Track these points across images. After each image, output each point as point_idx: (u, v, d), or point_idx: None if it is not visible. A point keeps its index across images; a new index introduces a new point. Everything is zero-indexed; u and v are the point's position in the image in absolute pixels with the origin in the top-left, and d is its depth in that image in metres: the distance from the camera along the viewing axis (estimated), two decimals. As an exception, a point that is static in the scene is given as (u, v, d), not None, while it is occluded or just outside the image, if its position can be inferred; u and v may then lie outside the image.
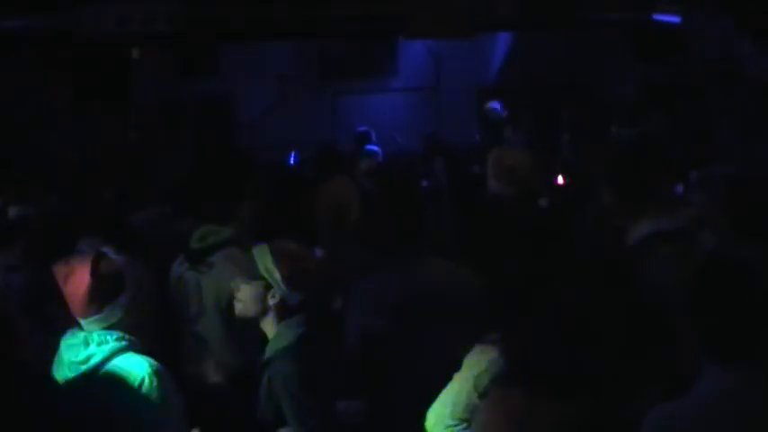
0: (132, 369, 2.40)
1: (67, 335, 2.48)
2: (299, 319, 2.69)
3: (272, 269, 2.66)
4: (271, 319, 2.71)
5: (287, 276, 2.65)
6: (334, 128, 10.08)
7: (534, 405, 2.18)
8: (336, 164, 5.45)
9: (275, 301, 2.68)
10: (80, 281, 2.42)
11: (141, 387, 2.38)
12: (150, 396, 2.38)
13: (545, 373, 2.19)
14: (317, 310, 2.78)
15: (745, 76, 7.90)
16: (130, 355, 2.43)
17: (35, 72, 8.16)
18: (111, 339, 2.42)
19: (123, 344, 2.43)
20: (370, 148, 7.70)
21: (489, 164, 4.60)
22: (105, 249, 2.52)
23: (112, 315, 2.44)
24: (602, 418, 2.24)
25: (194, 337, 3.45)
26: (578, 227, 3.74)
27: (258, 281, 2.69)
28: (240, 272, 2.86)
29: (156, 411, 2.39)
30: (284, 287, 2.66)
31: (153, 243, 3.98)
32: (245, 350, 3.21)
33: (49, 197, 4.88)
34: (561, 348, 2.20)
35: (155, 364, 2.44)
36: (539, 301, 2.39)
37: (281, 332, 2.68)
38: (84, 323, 2.45)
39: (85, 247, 2.88)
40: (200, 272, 3.42)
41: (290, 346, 2.63)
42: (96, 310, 2.43)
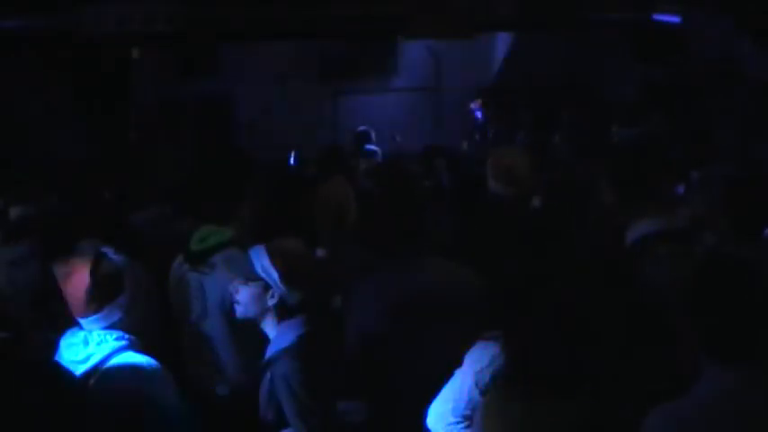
0: (132, 368, 2.40)
1: (67, 334, 2.48)
2: (299, 319, 2.68)
3: (269, 269, 2.65)
4: (271, 320, 2.70)
5: (284, 275, 2.64)
6: (334, 128, 10.09)
7: (534, 405, 2.19)
8: (337, 164, 5.45)
9: (274, 302, 2.67)
10: (80, 280, 2.43)
11: (141, 386, 2.38)
12: (149, 396, 2.39)
13: (545, 373, 2.19)
14: (317, 310, 2.77)
15: (745, 76, 7.90)
16: (130, 354, 2.44)
17: (35, 72, 8.15)
18: (111, 339, 2.43)
19: (123, 343, 2.44)
20: (370, 147, 7.70)
21: (488, 164, 4.59)
22: (105, 249, 2.53)
23: (112, 315, 2.45)
24: (602, 418, 2.24)
25: (196, 337, 3.45)
26: (578, 227, 3.73)
27: (257, 281, 2.68)
28: (242, 273, 2.85)
29: (156, 411, 2.40)
30: (282, 287, 2.65)
31: (153, 243, 3.98)
32: (246, 351, 3.21)
33: (48, 197, 4.87)
34: (561, 348, 2.20)
35: (154, 363, 2.44)
36: (539, 301, 2.39)
37: (281, 333, 2.67)
38: (84, 322, 2.46)
39: (88, 247, 2.88)
40: (202, 273, 3.42)
41: (290, 347, 2.62)
42: (95, 310, 2.44)
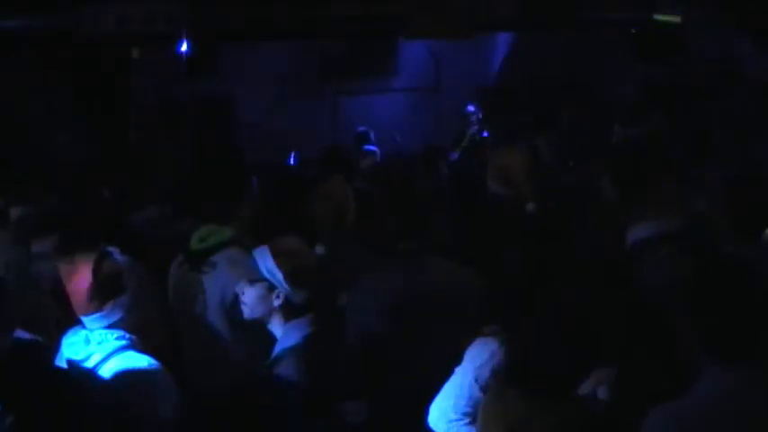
0: (132, 368, 2.40)
1: (69, 332, 2.50)
2: (306, 319, 2.68)
3: (273, 269, 2.64)
4: (278, 320, 2.70)
5: (289, 275, 2.64)
6: (334, 128, 10.09)
7: (534, 405, 2.19)
8: (337, 164, 5.45)
9: (280, 302, 2.67)
10: (82, 279, 2.44)
11: (141, 386, 2.39)
12: (149, 395, 2.39)
13: (545, 373, 2.19)
14: (323, 309, 2.77)
15: (745, 76, 7.90)
16: (131, 354, 2.44)
17: (35, 72, 8.15)
18: (112, 338, 2.44)
19: (124, 343, 2.45)
20: (369, 148, 7.71)
21: (489, 164, 4.61)
22: (111, 249, 2.54)
23: (113, 314, 2.46)
24: (601, 418, 2.24)
25: (196, 337, 3.45)
26: (578, 227, 3.74)
27: (262, 282, 2.68)
28: (243, 273, 2.85)
29: (155, 411, 2.40)
30: (287, 287, 2.65)
31: (153, 243, 3.98)
32: (248, 351, 3.21)
33: (48, 197, 4.87)
34: (561, 348, 2.20)
35: (154, 363, 2.45)
36: (539, 302, 2.39)
37: (287, 332, 2.67)
38: (86, 321, 2.47)
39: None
40: (202, 273, 3.42)
41: (296, 346, 2.62)
42: (97, 308, 2.45)
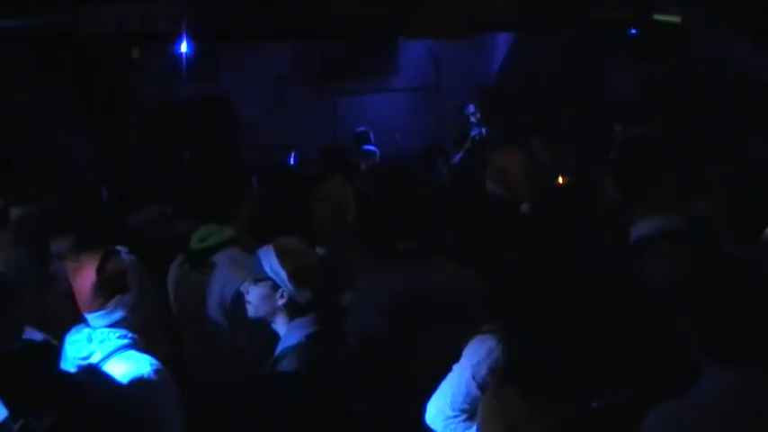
0: (133, 367, 2.42)
1: (72, 331, 2.52)
2: (310, 318, 2.69)
3: (277, 269, 2.66)
4: (282, 319, 2.71)
5: (293, 274, 2.65)
6: (334, 128, 10.08)
7: (533, 405, 2.18)
8: (337, 164, 5.45)
9: (284, 301, 2.68)
10: (87, 277, 2.46)
11: (141, 385, 2.40)
12: (150, 394, 2.40)
13: (544, 373, 2.19)
14: (327, 308, 2.78)
15: (745, 76, 7.89)
16: (132, 353, 2.46)
17: (35, 72, 8.15)
18: (114, 337, 2.46)
19: (125, 342, 2.47)
20: (368, 148, 7.71)
21: (488, 164, 4.61)
22: (118, 248, 2.56)
23: (116, 312, 2.48)
24: (600, 418, 2.24)
25: (197, 337, 3.45)
26: (577, 227, 3.74)
27: (266, 281, 2.69)
28: (242, 273, 2.86)
29: (156, 410, 2.41)
30: (291, 286, 2.66)
31: (153, 243, 3.99)
32: (250, 350, 3.21)
33: (48, 197, 4.87)
34: (560, 348, 2.20)
35: (155, 362, 2.46)
36: (537, 302, 2.39)
37: (290, 331, 2.68)
38: (90, 318, 2.49)
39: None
40: (202, 272, 3.42)
41: (298, 345, 2.63)
42: (100, 306, 2.47)
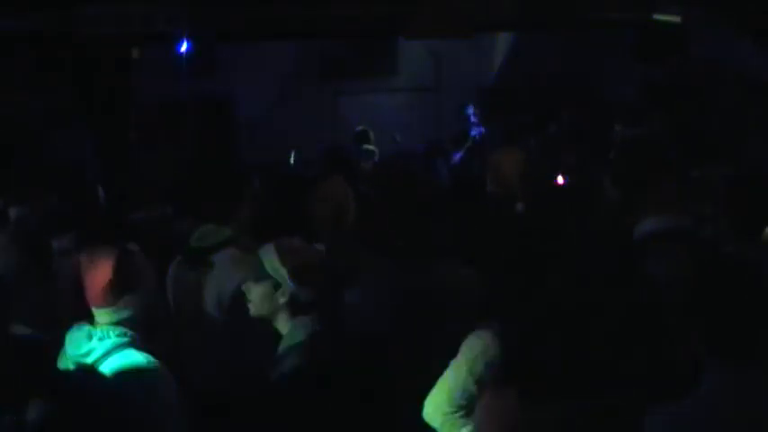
0: (132, 365, 2.42)
1: (73, 328, 2.52)
2: (312, 317, 2.69)
3: (278, 267, 2.66)
4: (283, 318, 2.71)
5: (294, 272, 2.66)
6: (334, 128, 10.08)
7: (533, 405, 2.18)
8: (337, 164, 5.45)
9: (285, 299, 2.68)
10: (101, 272, 2.47)
11: (140, 384, 2.40)
12: (149, 393, 2.40)
13: (543, 373, 2.19)
14: (328, 307, 2.78)
15: (745, 76, 7.89)
16: (132, 351, 2.46)
17: (35, 72, 8.15)
18: (114, 335, 2.45)
19: (125, 340, 2.46)
20: (366, 148, 7.71)
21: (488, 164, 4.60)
22: (133, 247, 2.58)
23: (125, 310, 2.49)
24: (600, 418, 2.23)
25: (195, 336, 3.45)
26: (577, 227, 3.74)
27: (267, 280, 2.69)
28: (241, 272, 2.86)
29: (154, 409, 2.41)
30: (292, 284, 2.66)
31: (153, 242, 3.98)
32: (245, 350, 3.21)
33: (48, 197, 4.87)
34: (559, 348, 2.20)
35: (154, 361, 2.46)
36: (537, 301, 2.39)
37: (293, 330, 2.68)
38: (97, 313, 2.49)
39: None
40: (200, 272, 3.43)
41: (300, 344, 2.63)
42: (111, 303, 2.48)
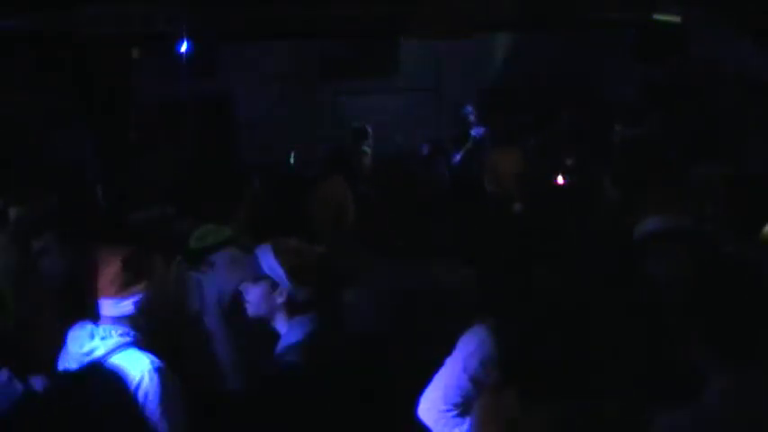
0: (133, 364, 2.42)
1: (75, 326, 2.52)
2: (310, 316, 2.69)
3: (276, 267, 2.66)
4: (282, 318, 2.71)
5: (290, 272, 2.66)
6: (334, 128, 10.08)
7: (532, 405, 2.18)
8: (337, 164, 5.46)
9: (283, 299, 2.68)
10: (107, 267, 2.49)
11: (141, 383, 2.40)
12: (150, 392, 2.40)
13: (543, 373, 2.19)
14: (326, 306, 2.78)
15: (745, 76, 7.89)
16: (133, 350, 2.46)
17: (35, 72, 8.14)
18: (116, 334, 2.46)
19: (127, 339, 2.47)
20: (364, 148, 7.71)
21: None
22: (144, 247, 2.61)
23: (127, 307, 2.50)
24: (600, 419, 2.23)
25: (194, 336, 3.46)
26: (577, 227, 3.74)
27: (265, 280, 2.69)
28: (241, 272, 2.86)
29: (155, 408, 2.41)
30: (289, 284, 2.66)
31: (153, 243, 3.98)
32: (244, 349, 3.22)
33: (48, 197, 4.87)
34: (559, 348, 2.20)
35: (156, 361, 2.46)
36: (537, 301, 2.39)
37: (291, 329, 2.69)
38: (103, 305, 2.50)
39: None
40: (200, 272, 3.43)
41: (298, 343, 2.63)
42: (115, 295, 2.49)
